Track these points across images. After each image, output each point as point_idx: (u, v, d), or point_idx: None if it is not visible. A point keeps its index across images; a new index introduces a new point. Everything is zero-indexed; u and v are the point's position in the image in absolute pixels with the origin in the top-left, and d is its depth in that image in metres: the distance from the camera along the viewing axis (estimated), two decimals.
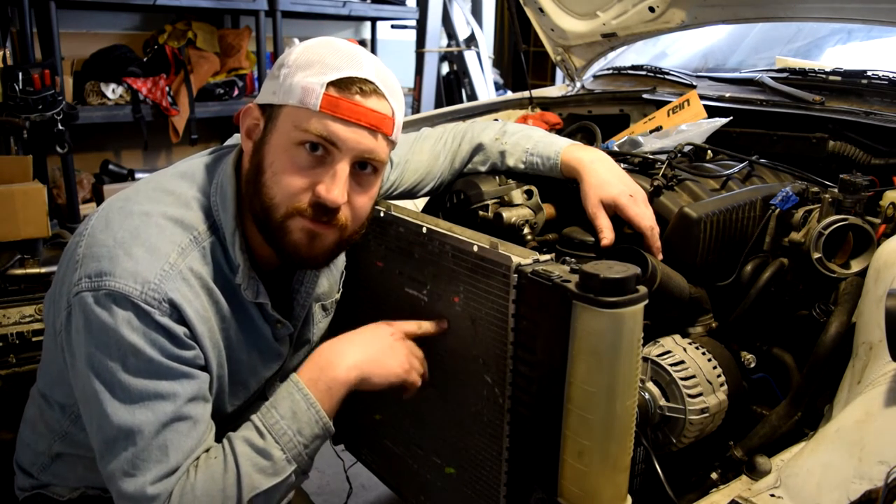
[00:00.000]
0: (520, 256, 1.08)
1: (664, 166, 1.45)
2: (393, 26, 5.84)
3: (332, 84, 1.03)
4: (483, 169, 1.51)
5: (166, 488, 1.00)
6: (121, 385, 1.00)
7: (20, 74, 3.25)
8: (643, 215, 1.32)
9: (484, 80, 5.97)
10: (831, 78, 1.84)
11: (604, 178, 1.35)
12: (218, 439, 1.09)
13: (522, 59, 5.80)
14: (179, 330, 1.04)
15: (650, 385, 1.24)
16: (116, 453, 1.01)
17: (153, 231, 1.06)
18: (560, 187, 1.46)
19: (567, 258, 1.08)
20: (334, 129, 1.03)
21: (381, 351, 1.16)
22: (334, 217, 1.08)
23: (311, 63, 1.04)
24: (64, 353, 1.08)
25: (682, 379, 1.22)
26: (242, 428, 1.08)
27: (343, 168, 1.05)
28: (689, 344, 1.29)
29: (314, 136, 1.03)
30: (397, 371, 1.16)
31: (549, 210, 1.47)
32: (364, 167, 1.09)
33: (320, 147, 1.04)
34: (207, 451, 1.06)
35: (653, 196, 1.38)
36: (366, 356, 1.13)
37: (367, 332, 1.18)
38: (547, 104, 2.55)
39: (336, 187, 1.05)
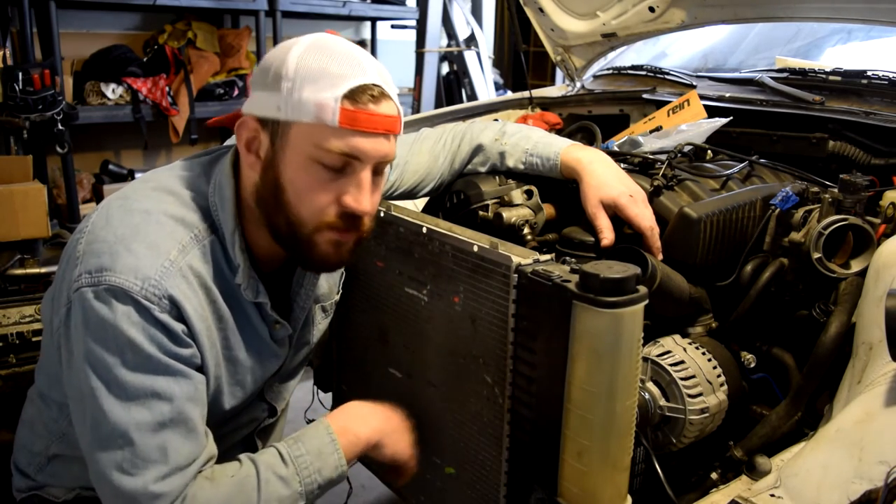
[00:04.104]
0: (520, 256, 1.07)
1: (664, 166, 1.45)
2: (393, 26, 5.84)
3: (345, 97, 1.01)
4: (483, 170, 1.51)
5: (172, 487, 1.00)
6: (117, 381, 1.00)
7: (20, 74, 3.25)
8: (643, 215, 1.32)
9: (484, 80, 5.97)
10: (831, 78, 1.84)
11: (603, 178, 1.35)
12: (215, 440, 1.09)
13: (522, 59, 5.82)
14: (178, 327, 1.03)
15: (650, 385, 1.24)
16: (111, 451, 1.01)
17: (154, 228, 1.06)
18: (560, 187, 1.46)
19: (567, 258, 1.08)
20: (356, 143, 1.03)
21: (398, 429, 1.26)
22: (361, 223, 1.09)
23: (316, 75, 1.01)
24: (60, 350, 1.08)
25: (682, 379, 1.22)
26: (264, 453, 1.11)
27: (366, 176, 1.07)
28: (689, 344, 1.29)
29: (337, 156, 1.03)
30: (406, 451, 1.26)
31: (549, 210, 1.47)
32: (379, 170, 1.10)
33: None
34: (214, 460, 1.07)
35: (653, 196, 1.38)
36: (387, 427, 1.24)
37: (386, 410, 1.27)
38: (547, 104, 2.55)
39: (364, 197, 1.06)
